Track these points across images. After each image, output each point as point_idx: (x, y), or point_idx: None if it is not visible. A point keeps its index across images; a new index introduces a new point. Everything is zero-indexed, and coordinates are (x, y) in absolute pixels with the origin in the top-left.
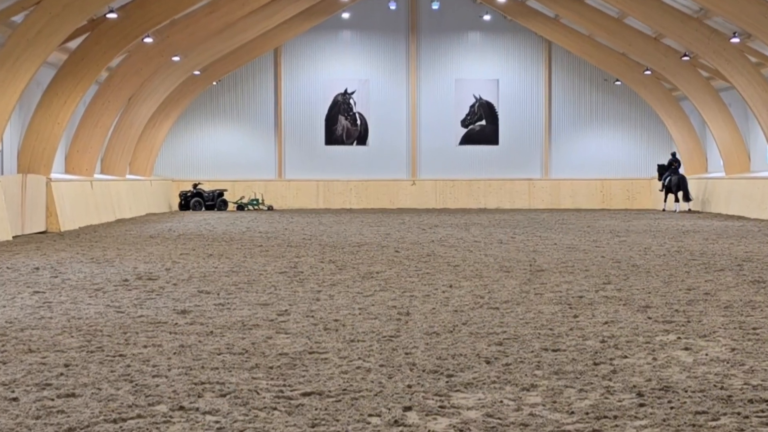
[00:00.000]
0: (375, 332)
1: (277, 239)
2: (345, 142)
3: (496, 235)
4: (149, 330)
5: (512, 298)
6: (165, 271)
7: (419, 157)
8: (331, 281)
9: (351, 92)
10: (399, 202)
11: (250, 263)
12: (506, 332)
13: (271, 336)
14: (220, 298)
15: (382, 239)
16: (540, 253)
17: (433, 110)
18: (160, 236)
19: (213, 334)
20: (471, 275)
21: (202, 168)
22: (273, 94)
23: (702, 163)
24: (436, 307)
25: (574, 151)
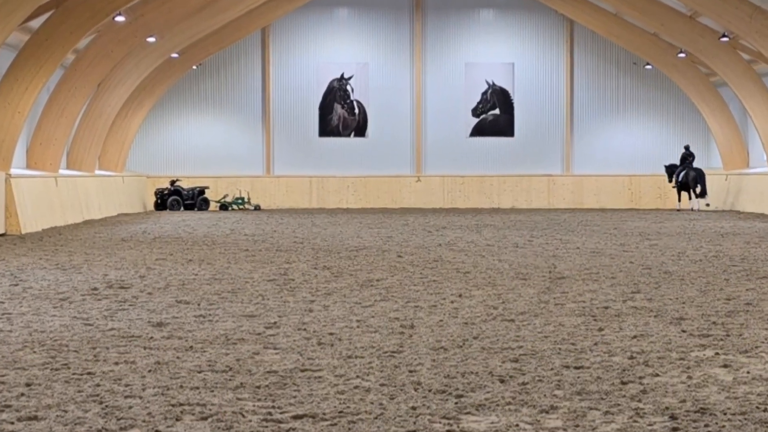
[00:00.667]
0: (375, 347)
1: (265, 243)
2: (341, 133)
3: (512, 238)
4: (121, 345)
5: (529, 309)
6: (139, 279)
7: (425, 150)
8: (326, 290)
9: (348, 77)
10: (402, 200)
11: (234, 270)
12: (523, 347)
13: (258, 351)
14: (200, 308)
15: (383, 243)
16: (561, 259)
17: (440, 98)
18: (133, 239)
19: (193, 350)
20: (483, 283)
21: (180, 163)
22: (260, 80)
23: (743, 157)
24: (444, 319)
25: (599, 144)
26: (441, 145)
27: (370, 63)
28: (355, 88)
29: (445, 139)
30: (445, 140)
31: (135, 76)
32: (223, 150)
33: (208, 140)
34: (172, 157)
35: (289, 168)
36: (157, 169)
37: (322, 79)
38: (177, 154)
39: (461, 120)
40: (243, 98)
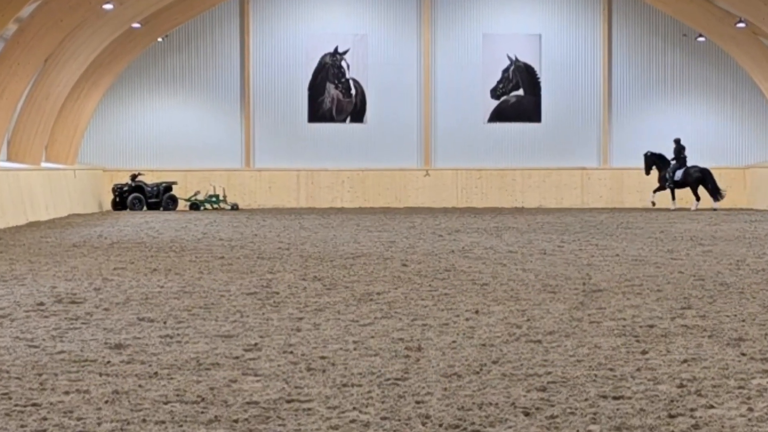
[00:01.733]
0: (375, 374)
1: (244, 249)
2: (335, 118)
3: (538, 244)
4: (72, 370)
5: (559, 328)
6: (94, 292)
7: (434, 138)
8: (317, 305)
9: (343, 52)
10: (407, 199)
11: (207, 281)
12: (551, 374)
13: (235, 379)
14: (167, 327)
15: (385, 249)
16: (596, 268)
17: (453, 76)
18: (87, 245)
19: (158, 376)
20: (504, 297)
21: (143, 154)
22: (238, 55)
23: None
24: (458, 339)
25: (642, 131)
26: (454, 133)
27: (370, 34)
28: (352, 65)
29: (458, 126)
30: (458, 126)
31: (89, 51)
32: (194, 139)
33: (177, 127)
34: (133, 147)
35: (272, 160)
36: (116, 162)
37: (311, 54)
38: (139, 144)
39: (478, 102)
40: (218, 77)
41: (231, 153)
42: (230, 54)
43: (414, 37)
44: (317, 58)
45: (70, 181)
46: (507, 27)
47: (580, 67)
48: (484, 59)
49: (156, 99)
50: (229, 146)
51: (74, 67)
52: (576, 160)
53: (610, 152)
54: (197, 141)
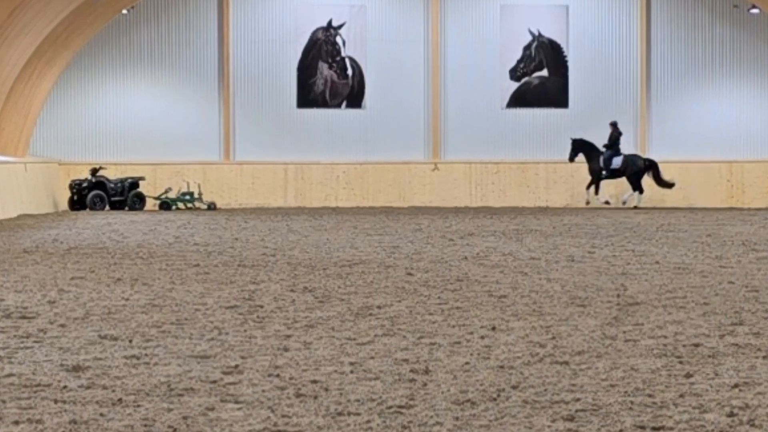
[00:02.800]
0: (375, 400)
1: (223, 255)
2: (328, 103)
3: (565, 249)
4: (23, 396)
5: (590, 348)
6: (48, 305)
7: (444, 126)
8: (307, 321)
9: (338, 26)
10: (413, 197)
11: (180, 293)
12: (580, 400)
13: (212, 406)
14: (133, 347)
15: (387, 255)
16: (633, 278)
17: (466, 54)
18: (39, 250)
19: (122, 404)
20: (525, 312)
21: (105, 144)
22: (216, 30)
23: None
24: (471, 361)
25: (686, 118)
26: (467, 120)
27: (369, 5)
28: (348, 41)
29: (472, 112)
30: (472, 113)
31: (42, 24)
32: (165, 127)
33: (144, 114)
34: (93, 136)
35: (256, 152)
36: (73, 154)
37: (301, 29)
38: (100, 133)
39: (495, 84)
40: (192, 55)
41: (207, 143)
42: (206, 28)
43: (420, 9)
44: (308, 34)
45: (20, 176)
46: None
47: (613, 44)
48: (502, 34)
49: (120, 81)
50: (206, 136)
51: (25, 43)
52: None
53: (648, 142)
54: (168, 130)
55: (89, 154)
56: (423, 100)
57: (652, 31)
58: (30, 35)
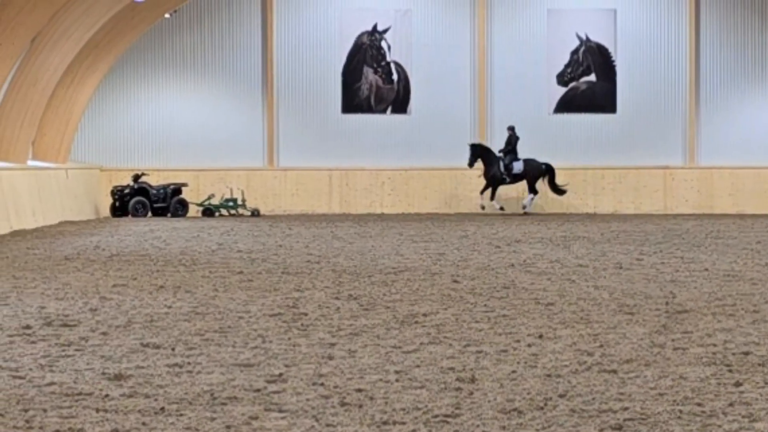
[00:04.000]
0: (421, 409)
1: (267, 263)
2: (373, 108)
3: (613, 256)
4: (64, 405)
5: (638, 356)
6: (89, 313)
7: (491, 132)
8: (352, 329)
9: (383, 30)
10: (459, 203)
11: (223, 300)
12: (629, 409)
13: (256, 415)
14: (176, 355)
15: (433, 262)
16: (682, 285)
17: (513, 58)
18: (81, 257)
19: (165, 413)
20: (573, 319)
21: (147, 150)
22: (260, 34)
23: None
24: (518, 369)
25: (735, 123)
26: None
27: (414, 9)
28: (393, 46)
29: (519, 117)
30: (519, 118)
31: (84, 29)
32: (208, 133)
33: (187, 119)
34: (135, 142)
35: (300, 158)
36: (115, 160)
37: (346, 33)
38: (143, 139)
39: (542, 90)
40: (235, 60)
41: (251, 149)
42: (250, 33)
43: (467, 13)
44: (353, 38)
45: (61, 183)
46: (576, 1)
47: (662, 48)
48: (549, 39)
49: (163, 86)
50: (249, 141)
51: (66, 48)
52: (657, 158)
53: (697, 148)
54: (211, 135)
55: (131, 160)
56: (469, 105)
57: (701, 35)
58: (71, 40)
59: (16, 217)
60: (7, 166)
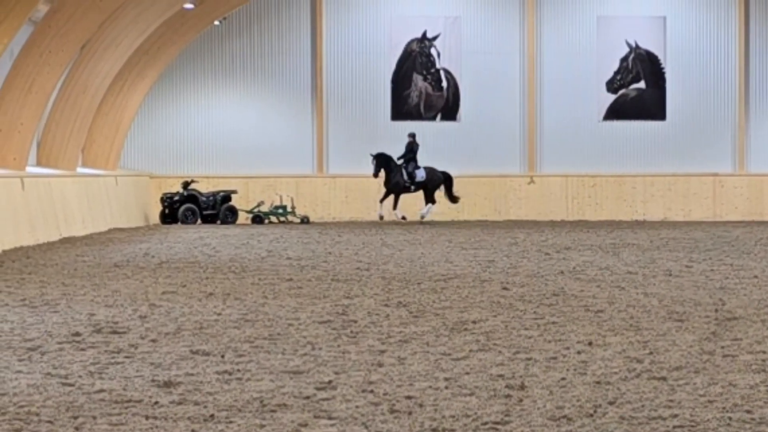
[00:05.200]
0: (471, 416)
1: (316, 270)
2: (423, 115)
3: (663, 264)
4: (114, 413)
5: (688, 363)
6: (139, 320)
7: (540, 139)
8: (402, 336)
9: (432, 37)
10: (509, 210)
11: (273, 307)
12: (678, 416)
13: (306, 422)
14: (225, 362)
15: (482, 270)
16: (731, 292)
17: (562, 66)
18: (130, 264)
19: (214, 420)
20: (622, 327)
21: (197, 157)
22: (309, 41)
23: None
24: (568, 376)
25: None
26: (563, 133)
27: (464, 17)
28: (443, 53)
29: (568, 124)
30: (568, 125)
31: (133, 36)
32: (257, 140)
33: (236, 126)
34: (185, 149)
35: (349, 164)
36: (165, 167)
37: (396, 40)
38: (192, 146)
39: (591, 97)
40: (285, 67)
41: (300, 156)
42: (300, 40)
43: (516, 20)
44: (402, 45)
45: (111, 190)
46: (626, 8)
47: (711, 56)
48: (598, 46)
49: (212, 93)
50: (299, 149)
51: (116, 55)
52: (707, 165)
53: (747, 155)
54: (261, 142)
55: (181, 167)
56: (519, 112)
57: (750, 42)
58: (121, 47)
59: (66, 225)
60: (57, 173)
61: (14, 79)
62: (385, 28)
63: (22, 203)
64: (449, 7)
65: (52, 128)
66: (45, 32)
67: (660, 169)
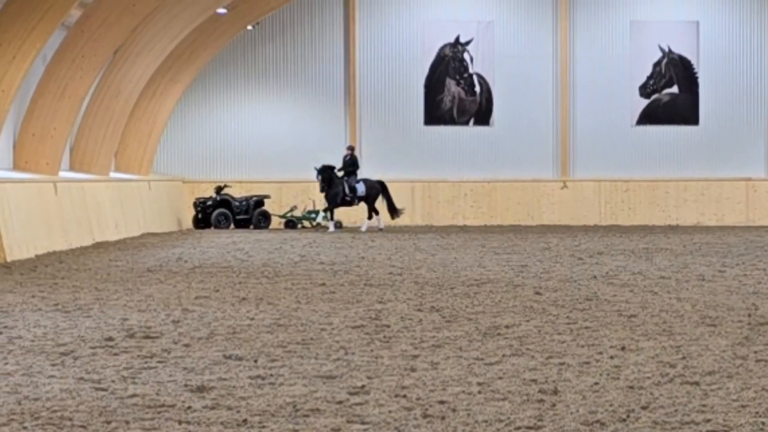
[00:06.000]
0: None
1: (349, 275)
2: (456, 120)
3: (696, 268)
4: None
5: (721, 368)
6: (172, 325)
7: (573, 144)
8: (434, 341)
9: (465, 42)
10: (541, 215)
11: (305, 312)
12: (711, 421)
13: (339, 427)
14: (258, 366)
15: (515, 274)
16: (764, 297)
17: (595, 70)
18: (163, 269)
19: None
20: (655, 331)
21: (229, 162)
22: (342, 46)
23: None
24: (601, 381)
25: None
26: (596, 137)
27: (497, 21)
28: (476, 57)
29: (601, 129)
30: (601, 130)
31: (166, 41)
32: (290, 144)
33: (269, 131)
34: (218, 154)
35: (382, 169)
36: (198, 172)
37: (429, 45)
38: (225, 151)
39: (624, 101)
40: (318, 72)
41: (334, 161)
42: (333, 44)
43: (549, 25)
44: (435, 50)
45: (143, 195)
46: (659, 13)
47: (744, 60)
48: (631, 51)
49: (245, 98)
50: (331, 153)
51: (149, 60)
52: (740, 170)
53: None
54: (294, 147)
55: (213, 171)
56: (551, 116)
57: None
58: (153, 52)
59: (99, 229)
60: (90, 178)
61: (47, 83)
62: (418, 32)
63: (56, 208)
64: (482, 12)
65: (85, 133)
66: (78, 37)
67: (693, 174)
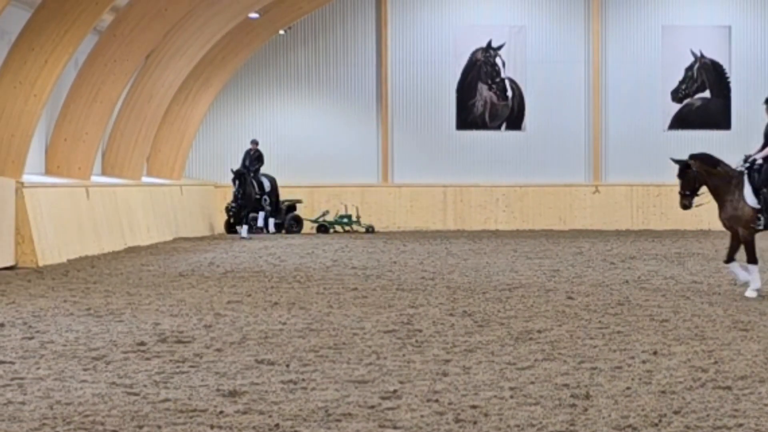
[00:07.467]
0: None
1: (381, 279)
2: (488, 125)
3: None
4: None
5: (753, 372)
6: (204, 330)
7: (605, 148)
8: (467, 345)
9: (497, 47)
10: (573, 219)
11: (338, 317)
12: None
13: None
14: (290, 371)
15: (547, 279)
16: None
17: (627, 75)
18: (195, 274)
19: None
20: (687, 336)
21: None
22: (374, 51)
23: None
24: (633, 386)
25: None
26: (628, 142)
27: (529, 26)
28: (508, 62)
29: (633, 134)
30: (634, 134)
31: (198, 45)
32: (322, 149)
33: (301, 135)
34: None
35: (414, 174)
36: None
37: (461, 50)
38: None
39: (657, 106)
40: (350, 76)
41: (365, 165)
42: (365, 49)
43: (581, 30)
44: (467, 55)
45: (176, 199)
46: (691, 18)
47: None
48: (663, 55)
49: (277, 102)
50: (364, 157)
51: (181, 64)
52: None
53: None
54: (326, 151)
55: None
56: (584, 121)
57: None
58: (186, 56)
59: (131, 234)
60: (122, 183)
61: (79, 88)
62: (450, 37)
63: (87, 213)
64: (514, 17)
65: (117, 137)
66: (110, 41)
67: None
